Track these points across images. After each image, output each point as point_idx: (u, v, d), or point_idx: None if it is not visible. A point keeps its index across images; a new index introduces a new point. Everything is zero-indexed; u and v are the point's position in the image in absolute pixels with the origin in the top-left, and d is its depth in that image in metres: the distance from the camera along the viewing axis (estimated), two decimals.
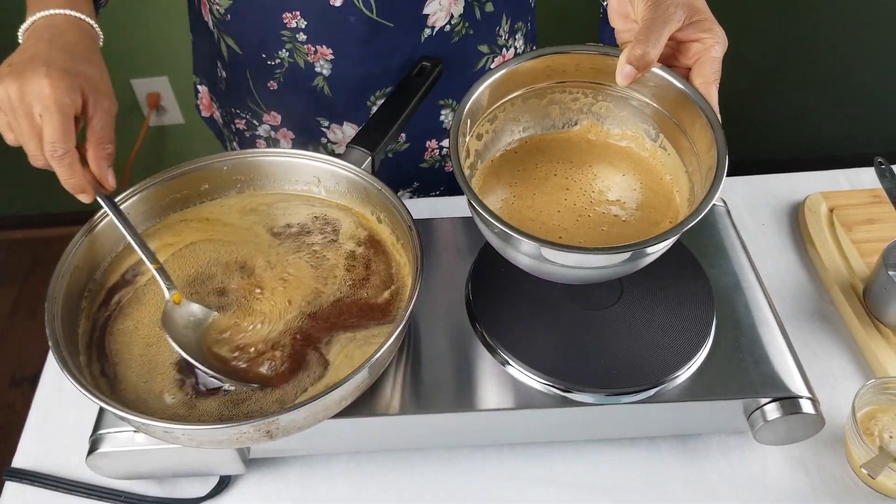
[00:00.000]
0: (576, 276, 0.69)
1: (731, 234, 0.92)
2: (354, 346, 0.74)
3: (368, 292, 0.79)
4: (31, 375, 2.10)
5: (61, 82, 0.68)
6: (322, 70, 1.00)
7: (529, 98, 0.78)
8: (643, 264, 0.69)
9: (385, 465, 0.82)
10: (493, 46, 1.07)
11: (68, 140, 0.69)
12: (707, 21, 0.68)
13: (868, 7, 2.05)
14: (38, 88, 0.68)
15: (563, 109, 0.79)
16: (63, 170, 0.71)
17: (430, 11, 0.97)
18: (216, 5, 1.00)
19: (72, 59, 0.71)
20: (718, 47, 0.67)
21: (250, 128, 1.13)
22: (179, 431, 0.65)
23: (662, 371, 0.75)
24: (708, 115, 0.68)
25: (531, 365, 0.76)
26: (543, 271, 0.69)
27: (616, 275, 0.69)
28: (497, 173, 0.78)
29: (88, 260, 0.79)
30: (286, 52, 0.99)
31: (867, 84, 2.25)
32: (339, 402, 0.69)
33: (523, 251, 0.66)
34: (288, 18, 0.95)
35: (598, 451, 0.82)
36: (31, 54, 0.71)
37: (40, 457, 0.84)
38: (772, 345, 0.79)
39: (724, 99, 0.68)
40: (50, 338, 0.70)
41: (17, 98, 0.68)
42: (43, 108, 0.68)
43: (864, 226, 1.01)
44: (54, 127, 0.68)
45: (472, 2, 1.00)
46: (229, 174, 0.87)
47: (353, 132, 1.07)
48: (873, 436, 0.78)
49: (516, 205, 0.75)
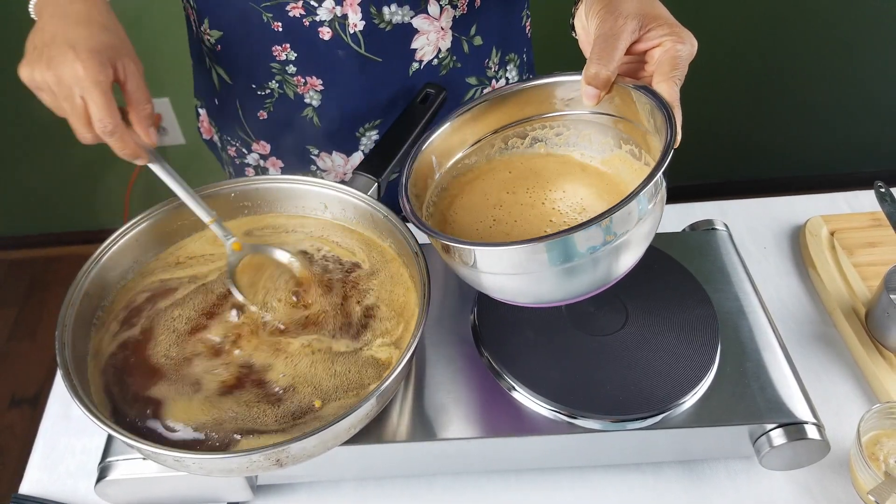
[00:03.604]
0: (545, 290, 0.67)
1: (734, 258, 0.93)
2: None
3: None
4: (31, 397, 2.10)
5: (92, 61, 0.69)
6: (311, 101, 1.01)
7: (484, 147, 0.81)
8: (614, 272, 0.67)
9: (392, 492, 0.82)
10: (481, 78, 1.07)
11: (114, 114, 0.71)
12: (666, 25, 0.67)
13: (866, 27, 2.07)
14: (71, 72, 0.69)
15: (531, 140, 0.81)
16: (115, 142, 0.72)
17: (417, 46, 0.98)
18: (208, 36, 1.01)
19: (92, 34, 0.72)
20: (680, 46, 0.66)
21: (240, 155, 1.14)
22: (189, 460, 0.65)
23: (668, 397, 0.75)
24: (664, 110, 0.66)
25: (537, 391, 0.76)
26: (507, 287, 0.68)
27: (594, 285, 0.68)
28: (465, 203, 0.79)
29: (99, 287, 0.80)
30: (276, 84, 1.00)
31: (864, 104, 2.27)
32: (349, 429, 0.69)
33: (464, 261, 0.67)
34: (278, 51, 0.96)
35: (604, 476, 0.82)
36: (51, 35, 0.72)
37: (48, 484, 0.84)
38: (776, 370, 0.79)
39: (723, 119, 0.68)
40: (60, 366, 0.70)
41: (55, 83, 0.70)
42: (82, 89, 0.69)
43: (865, 249, 1.02)
44: (98, 106, 0.70)
45: (459, 36, 1.01)
46: (236, 200, 0.88)
47: (342, 161, 1.09)
48: (878, 461, 0.78)
49: (494, 229, 0.76)
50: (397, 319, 0.79)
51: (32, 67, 0.71)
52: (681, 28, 0.67)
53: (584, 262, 0.63)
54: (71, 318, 0.75)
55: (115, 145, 0.72)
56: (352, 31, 0.93)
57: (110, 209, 2.18)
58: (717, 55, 2.09)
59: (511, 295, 0.70)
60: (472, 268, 0.67)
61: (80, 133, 0.72)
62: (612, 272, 0.67)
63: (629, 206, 0.60)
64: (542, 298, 0.69)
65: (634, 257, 0.68)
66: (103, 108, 0.70)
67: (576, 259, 0.63)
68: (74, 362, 0.73)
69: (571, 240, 0.61)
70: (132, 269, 0.83)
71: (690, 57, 0.67)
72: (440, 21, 0.97)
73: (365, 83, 0.99)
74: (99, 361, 0.76)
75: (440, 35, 0.98)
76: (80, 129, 0.72)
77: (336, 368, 0.75)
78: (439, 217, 0.78)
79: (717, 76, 2.14)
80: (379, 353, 0.76)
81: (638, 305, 0.83)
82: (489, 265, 0.66)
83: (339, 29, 0.93)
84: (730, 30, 2.03)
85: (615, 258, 0.65)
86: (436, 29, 0.97)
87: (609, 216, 0.60)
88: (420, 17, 0.95)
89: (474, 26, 1.01)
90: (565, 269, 0.64)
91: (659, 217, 0.67)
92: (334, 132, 1.05)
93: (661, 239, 0.94)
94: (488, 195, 0.79)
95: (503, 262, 0.65)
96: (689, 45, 0.66)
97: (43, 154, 2.21)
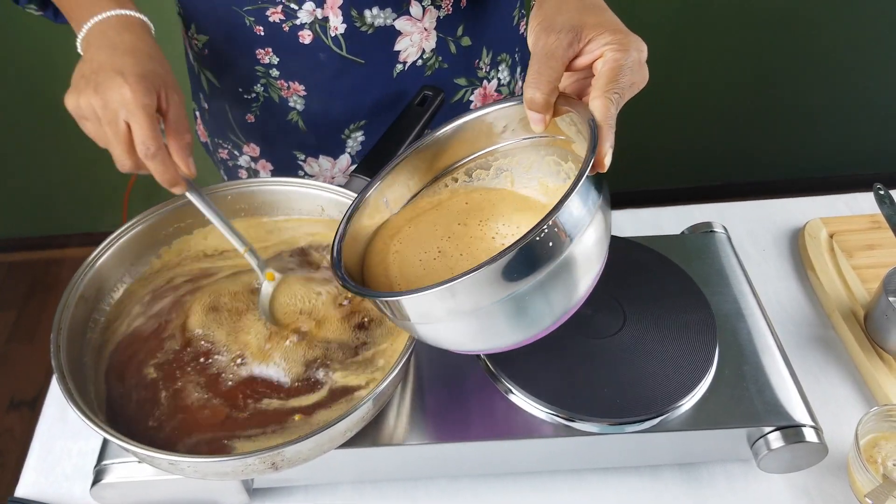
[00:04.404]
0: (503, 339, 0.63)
1: (733, 261, 0.93)
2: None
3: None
4: (30, 399, 2.09)
5: (139, 86, 0.70)
6: (296, 105, 1.01)
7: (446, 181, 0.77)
8: (569, 300, 0.63)
9: (389, 495, 0.82)
10: (471, 79, 1.06)
11: (157, 137, 0.71)
12: (608, 33, 0.61)
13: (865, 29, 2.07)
14: (119, 96, 0.69)
15: (495, 171, 0.77)
16: (157, 166, 0.72)
17: (401, 48, 0.97)
18: (195, 40, 1.01)
19: (139, 62, 0.73)
20: (619, 55, 0.60)
21: (232, 158, 1.15)
22: (184, 463, 0.65)
23: (666, 400, 0.75)
24: (592, 130, 0.59)
25: (535, 394, 0.76)
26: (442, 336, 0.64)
27: (532, 327, 0.63)
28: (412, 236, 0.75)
29: (94, 290, 0.80)
30: (261, 87, 1.00)
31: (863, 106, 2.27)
32: (345, 433, 0.69)
33: (403, 315, 0.62)
34: (261, 55, 0.96)
35: (602, 479, 0.82)
36: (99, 64, 0.72)
37: (44, 486, 0.84)
38: (775, 373, 0.79)
39: (721, 122, 0.66)
40: (55, 369, 0.70)
41: (101, 107, 0.70)
42: (128, 112, 0.70)
43: (864, 251, 1.02)
44: (143, 128, 0.70)
45: (444, 37, 0.99)
46: (233, 203, 0.88)
47: (329, 165, 1.08)
48: (877, 463, 0.78)
49: (438, 262, 0.72)
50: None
51: (79, 94, 0.71)
52: (625, 34, 0.61)
53: (506, 305, 0.58)
54: (66, 321, 0.74)
55: (157, 169, 0.72)
56: (333, 33, 0.93)
57: (110, 211, 2.18)
58: (716, 57, 2.09)
59: (451, 343, 0.66)
60: (395, 318, 0.63)
61: (120, 160, 0.72)
62: (553, 308, 0.62)
63: (514, 254, 0.55)
64: (491, 344, 0.65)
65: (571, 292, 0.62)
66: (147, 130, 0.70)
67: (488, 305, 0.58)
68: (70, 365, 0.72)
69: (466, 284, 0.56)
70: (129, 273, 0.83)
71: (637, 66, 0.61)
72: (423, 22, 0.96)
73: (348, 86, 0.98)
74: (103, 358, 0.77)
75: (424, 36, 0.97)
76: (121, 155, 0.72)
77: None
78: (380, 247, 0.74)
79: (716, 78, 2.14)
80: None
81: (636, 308, 0.83)
82: (414, 314, 0.61)
83: (321, 31, 0.93)
84: (729, 32, 2.03)
85: (542, 297, 0.60)
86: (419, 30, 0.96)
87: (491, 264, 0.55)
88: (402, 19, 0.94)
89: (461, 26, 1.00)
90: (483, 313, 0.59)
91: (593, 245, 0.60)
92: (320, 135, 1.05)
93: (659, 241, 0.93)
94: (438, 226, 0.74)
95: (419, 310, 0.60)
96: (633, 53, 0.61)
97: (43, 156, 2.21)
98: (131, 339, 0.80)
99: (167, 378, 0.75)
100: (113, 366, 0.77)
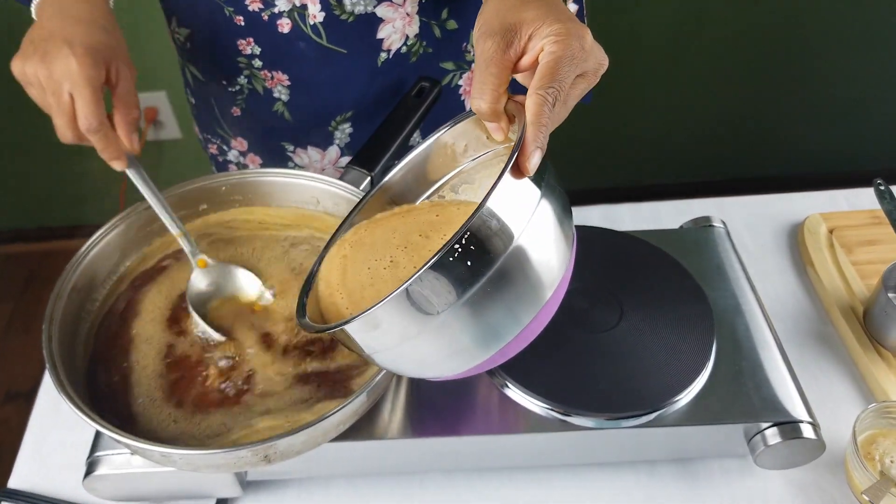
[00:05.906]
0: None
1: (731, 256, 0.92)
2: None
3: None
4: (27, 391, 2.09)
5: (86, 58, 0.68)
6: (281, 96, 1.00)
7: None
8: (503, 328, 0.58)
9: (384, 489, 0.81)
10: (459, 63, 1.05)
11: (101, 112, 0.70)
12: (545, 25, 0.57)
13: (866, 24, 2.06)
14: (64, 67, 0.68)
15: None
16: (99, 140, 0.71)
17: (384, 36, 0.95)
18: (177, 34, 1.00)
19: (90, 32, 0.72)
20: (555, 48, 0.56)
21: (221, 153, 1.14)
22: (176, 455, 0.65)
23: (663, 395, 0.75)
24: (521, 129, 0.56)
25: (530, 388, 0.75)
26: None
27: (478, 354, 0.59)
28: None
29: (86, 281, 0.79)
30: (245, 79, 0.99)
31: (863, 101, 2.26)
32: (338, 426, 0.68)
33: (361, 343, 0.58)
34: (243, 45, 0.95)
35: (598, 475, 0.82)
36: (49, 31, 0.71)
37: (36, 478, 0.84)
38: (772, 368, 0.79)
39: (721, 116, 0.65)
40: (47, 359, 0.69)
41: (46, 77, 0.69)
42: (72, 84, 0.68)
43: (863, 247, 1.01)
44: (86, 102, 0.69)
45: (427, 21, 0.97)
46: (228, 194, 0.87)
47: (318, 156, 1.07)
48: (874, 460, 0.78)
49: (387, 272, 0.66)
50: None
51: (25, 61, 0.70)
52: (564, 23, 0.57)
53: (443, 321, 0.54)
54: (59, 313, 0.74)
55: (98, 144, 0.71)
56: (311, 21, 0.91)
57: (106, 203, 2.17)
58: (716, 53, 2.08)
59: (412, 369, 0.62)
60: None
61: (61, 131, 0.71)
62: (518, 316, 0.58)
63: (432, 274, 0.51)
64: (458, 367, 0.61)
65: (530, 297, 0.58)
66: (91, 105, 0.69)
67: (430, 321, 0.54)
68: (62, 356, 0.72)
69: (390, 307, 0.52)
70: (121, 264, 0.83)
71: (580, 55, 0.57)
72: (405, 7, 0.94)
73: (331, 76, 0.97)
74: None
75: (406, 21, 0.95)
76: (63, 126, 0.70)
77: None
78: (334, 250, 0.70)
79: (716, 73, 2.13)
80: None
81: (633, 302, 0.83)
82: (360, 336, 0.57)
83: (299, 20, 0.91)
84: (729, 28, 2.03)
85: (501, 307, 0.56)
86: (401, 15, 0.94)
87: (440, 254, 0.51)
88: (383, 5, 0.92)
89: (446, 10, 0.98)
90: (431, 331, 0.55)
91: (537, 245, 0.56)
92: (306, 126, 1.04)
93: (657, 235, 0.93)
94: (397, 233, 0.68)
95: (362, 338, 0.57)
96: (573, 42, 0.56)
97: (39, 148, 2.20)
98: (111, 324, 0.80)
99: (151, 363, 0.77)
100: (98, 351, 0.77)
